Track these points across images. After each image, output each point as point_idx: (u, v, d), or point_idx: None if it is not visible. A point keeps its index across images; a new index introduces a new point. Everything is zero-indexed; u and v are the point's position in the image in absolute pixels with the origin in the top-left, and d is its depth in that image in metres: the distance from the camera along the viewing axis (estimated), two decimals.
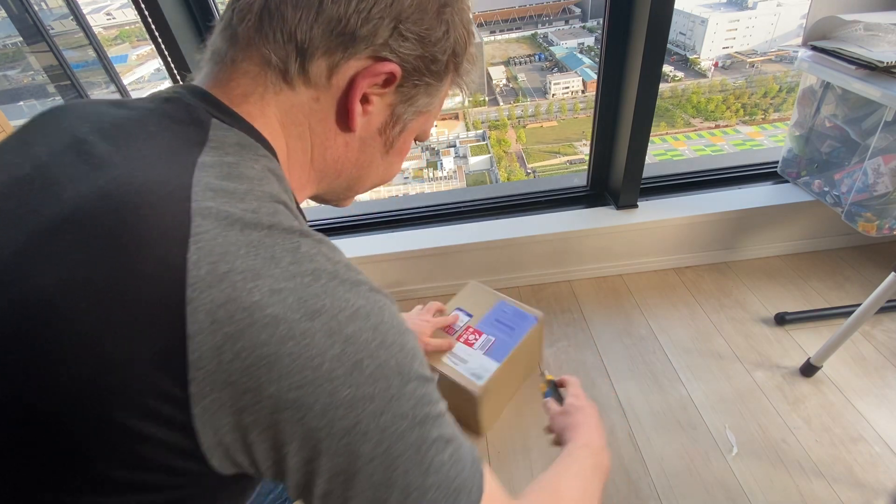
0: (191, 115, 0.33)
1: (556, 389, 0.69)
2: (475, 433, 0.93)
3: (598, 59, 1.14)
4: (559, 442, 0.58)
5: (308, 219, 1.44)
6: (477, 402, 0.85)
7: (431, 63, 0.37)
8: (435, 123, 0.45)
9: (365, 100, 0.36)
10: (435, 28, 0.35)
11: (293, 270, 0.28)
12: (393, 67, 0.35)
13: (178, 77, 1.00)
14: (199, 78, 0.36)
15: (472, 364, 0.87)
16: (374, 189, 0.47)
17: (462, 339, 0.92)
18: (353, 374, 0.27)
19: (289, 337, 0.26)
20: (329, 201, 0.46)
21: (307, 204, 0.50)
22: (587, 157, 1.30)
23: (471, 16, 0.39)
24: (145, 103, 0.35)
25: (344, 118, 0.36)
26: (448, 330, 0.94)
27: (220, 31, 0.35)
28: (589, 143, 1.26)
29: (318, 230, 1.37)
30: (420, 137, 0.44)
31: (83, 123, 0.33)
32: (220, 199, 0.28)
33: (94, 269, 0.25)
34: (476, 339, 0.92)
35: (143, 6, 0.91)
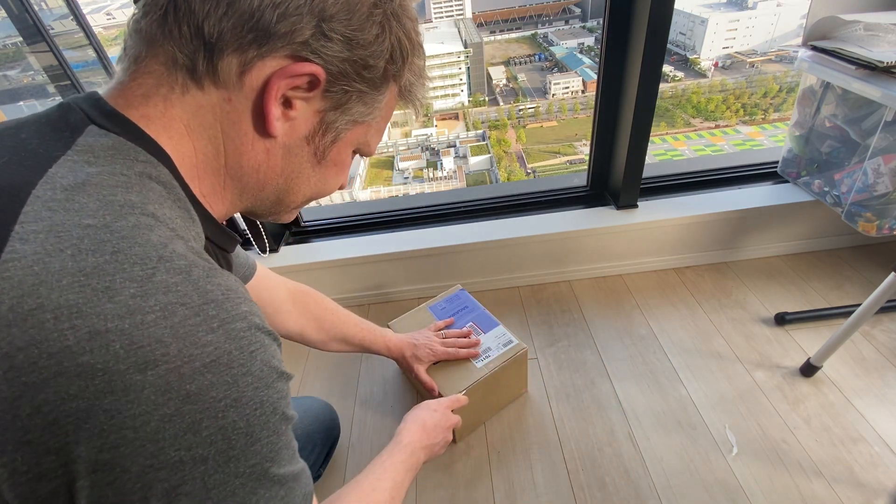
0: (68, 120, 0.30)
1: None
2: (451, 441, 0.93)
3: (598, 59, 1.14)
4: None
5: (307, 220, 1.44)
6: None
7: (363, 69, 0.34)
8: (385, 136, 0.43)
9: (287, 104, 0.33)
10: (365, 29, 0.32)
11: (133, 306, 0.23)
12: (314, 69, 0.31)
13: None
14: (111, 81, 0.33)
15: (453, 373, 0.88)
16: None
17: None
18: (186, 436, 0.24)
19: (107, 391, 0.22)
20: (262, 216, 0.42)
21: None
22: (587, 157, 1.30)
23: (418, 27, 0.36)
24: (49, 109, 0.32)
25: (260, 121, 0.33)
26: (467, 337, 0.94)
27: (130, 26, 0.32)
28: (589, 143, 1.26)
29: (319, 230, 1.35)
30: (362, 151, 0.40)
31: None
32: (58, 216, 0.24)
33: None
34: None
35: None
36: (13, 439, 0.21)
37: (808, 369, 0.96)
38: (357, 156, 0.42)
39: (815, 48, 1.03)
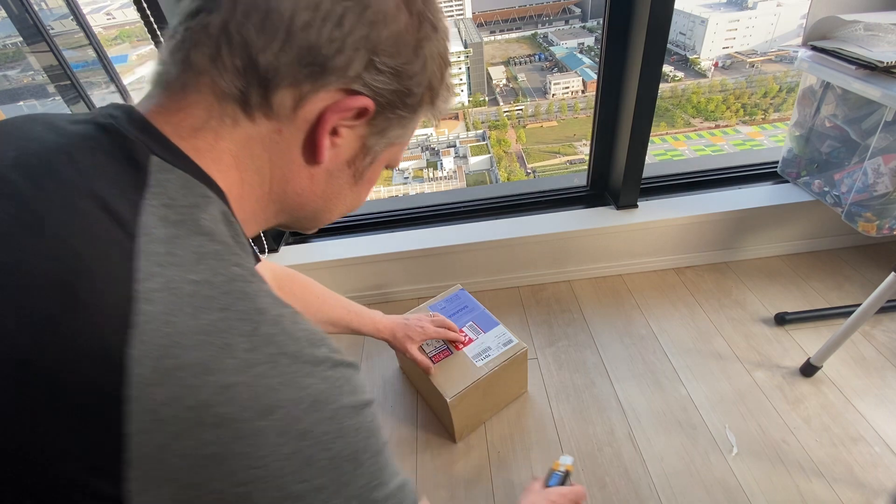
0: (127, 151, 0.29)
1: (565, 480, 0.71)
2: (451, 439, 0.94)
3: (598, 59, 1.14)
4: None
5: None
6: (450, 411, 0.85)
7: (406, 97, 0.34)
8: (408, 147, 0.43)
9: (333, 132, 0.33)
10: (412, 62, 0.33)
11: (248, 360, 0.26)
12: (366, 102, 0.32)
13: None
14: (144, 102, 0.32)
15: (453, 372, 0.88)
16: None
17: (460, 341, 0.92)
18: (305, 470, 0.27)
19: (239, 437, 0.25)
20: (293, 228, 0.43)
21: None
22: (587, 157, 1.30)
23: (447, 44, 0.36)
24: (80, 127, 0.31)
25: (310, 151, 0.34)
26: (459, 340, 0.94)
27: (171, 49, 0.31)
28: (589, 143, 1.26)
29: (320, 230, 1.35)
30: (390, 165, 0.41)
31: (9, 149, 0.29)
32: (168, 272, 0.26)
33: (36, 359, 0.23)
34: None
35: (143, 6, 0.91)
36: (159, 477, 0.24)
37: (808, 369, 0.96)
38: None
39: (815, 48, 1.03)
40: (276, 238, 1.28)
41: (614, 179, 1.24)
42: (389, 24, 0.31)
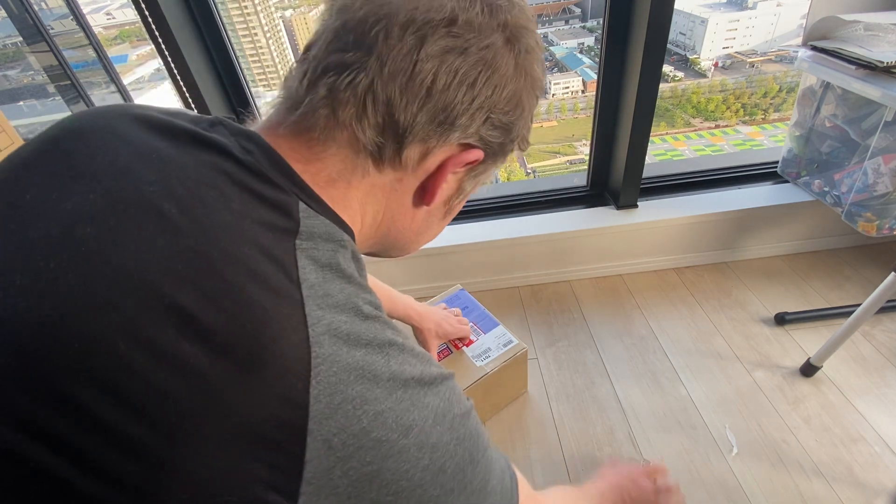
0: (276, 195, 0.30)
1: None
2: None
3: (598, 59, 1.14)
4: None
5: None
6: None
7: (506, 146, 0.38)
8: None
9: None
10: (518, 119, 0.36)
11: (390, 388, 0.29)
12: (479, 154, 0.35)
13: (178, 78, 1.00)
14: (273, 137, 0.33)
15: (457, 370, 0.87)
16: None
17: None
18: (439, 477, 0.31)
19: (389, 455, 0.28)
20: (373, 255, 0.45)
21: None
22: (587, 157, 1.30)
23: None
24: (209, 147, 0.31)
25: (421, 196, 0.37)
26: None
27: (313, 100, 0.32)
28: (589, 143, 1.26)
29: None
30: (467, 198, 0.44)
31: (146, 172, 0.29)
32: (328, 316, 0.29)
33: (222, 399, 0.25)
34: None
35: (143, 6, 0.91)
36: (325, 492, 0.27)
37: (808, 369, 0.96)
38: None
39: (815, 48, 1.03)
40: None
41: (614, 179, 1.24)
42: (507, 84, 0.34)
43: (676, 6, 0.96)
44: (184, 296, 0.25)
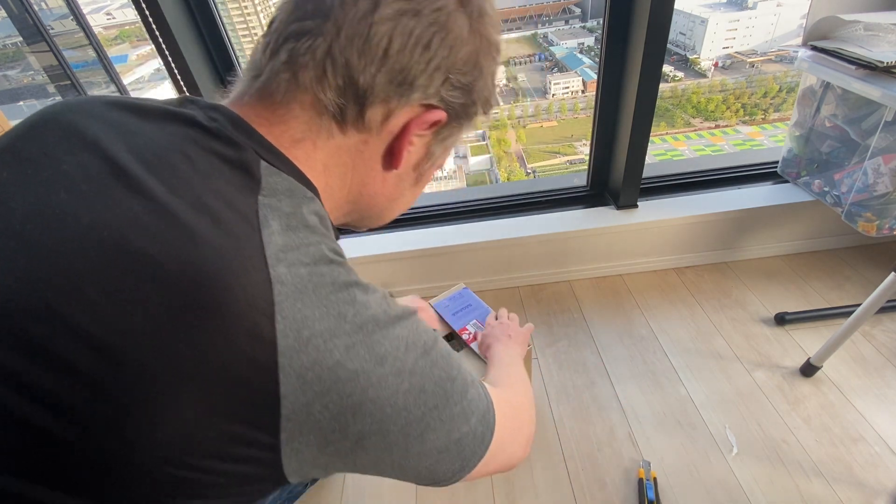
0: (239, 155, 0.32)
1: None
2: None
3: (598, 59, 1.14)
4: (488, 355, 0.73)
5: None
6: None
7: (469, 107, 0.39)
8: None
9: (409, 142, 0.38)
10: (478, 80, 0.38)
11: (357, 322, 0.31)
12: (441, 115, 0.37)
13: (178, 78, 1.00)
14: (242, 108, 0.35)
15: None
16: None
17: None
18: (420, 397, 0.33)
19: (368, 385, 0.30)
20: (352, 227, 0.47)
21: None
22: (587, 157, 1.30)
23: (500, 63, 0.41)
24: (177, 123, 0.33)
25: (389, 159, 0.38)
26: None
27: (274, 67, 0.34)
28: (589, 143, 1.26)
29: None
30: (440, 166, 0.46)
31: (114, 140, 0.31)
32: (290, 259, 0.30)
33: (189, 343, 0.26)
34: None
35: (143, 6, 0.91)
36: (308, 427, 0.29)
37: (808, 369, 0.96)
38: None
39: (815, 48, 1.03)
40: None
41: (614, 179, 1.24)
42: (464, 45, 0.35)
43: (676, 6, 0.96)
44: (148, 246, 0.27)
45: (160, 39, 0.95)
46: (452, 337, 0.96)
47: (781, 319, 1.08)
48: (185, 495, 0.28)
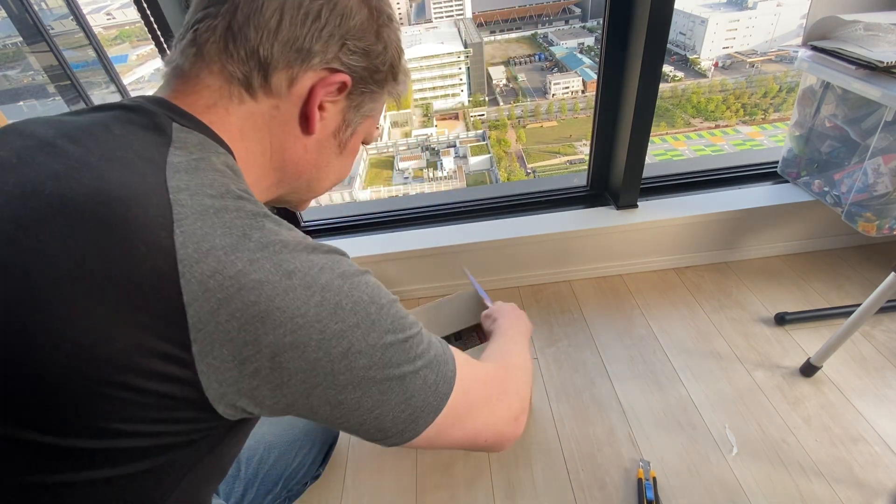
0: (153, 120, 0.36)
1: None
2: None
3: (598, 59, 1.14)
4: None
5: (307, 220, 1.44)
6: None
7: (374, 73, 0.43)
8: (378, 128, 0.52)
9: (321, 107, 0.41)
10: (376, 44, 0.42)
11: (263, 242, 0.32)
12: (344, 77, 0.40)
13: None
14: (161, 91, 0.39)
15: None
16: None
17: None
18: (336, 313, 0.33)
19: (274, 295, 0.31)
20: (290, 203, 0.50)
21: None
22: (587, 157, 1.30)
23: (399, 35, 0.45)
24: (104, 111, 0.37)
25: (304, 123, 0.41)
26: None
27: (182, 48, 0.39)
28: (589, 143, 1.26)
29: (319, 230, 1.36)
30: (366, 140, 0.49)
31: (46, 129, 0.35)
32: (193, 189, 0.32)
33: (93, 256, 0.28)
34: None
35: (143, 6, 0.91)
36: (219, 339, 0.30)
37: (808, 369, 0.96)
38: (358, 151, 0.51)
39: (815, 48, 1.03)
40: None
41: (614, 179, 1.24)
42: (354, 15, 0.39)
43: (676, 6, 0.96)
44: (60, 187, 0.30)
45: (161, 39, 0.95)
46: (460, 337, 0.97)
47: (781, 319, 1.08)
48: (115, 417, 0.29)
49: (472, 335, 1.01)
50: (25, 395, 0.27)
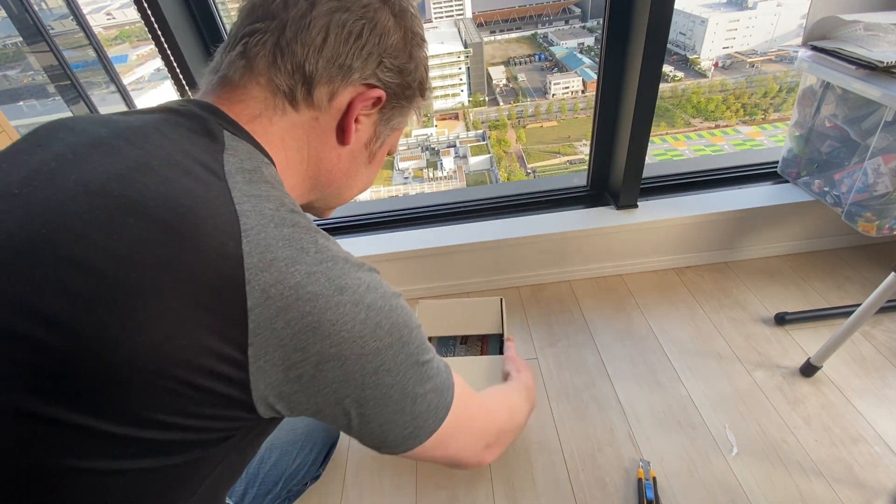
0: (204, 125, 0.38)
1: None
2: None
3: (598, 59, 1.14)
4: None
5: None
6: None
7: (406, 89, 0.46)
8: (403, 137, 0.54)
9: (356, 120, 0.44)
10: (409, 62, 0.45)
11: (318, 258, 0.35)
12: (380, 93, 0.43)
13: (180, 77, 1.00)
14: (206, 97, 0.42)
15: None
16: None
17: None
18: (376, 332, 0.36)
19: (327, 308, 0.33)
20: (318, 209, 0.53)
21: None
22: (587, 157, 1.30)
23: (428, 53, 0.49)
24: (155, 112, 0.39)
25: (341, 135, 0.44)
26: None
27: (232, 59, 0.41)
28: (589, 143, 1.26)
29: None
30: (391, 150, 0.52)
31: (98, 128, 0.37)
32: (253, 200, 0.35)
33: (165, 260, 0.30)
34: None
35: (143, 5, 0.91)
36: (272, 344, 0.32)
37: (808, 369, 0.96)
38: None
39: (815, 48, 1.03)
40: None
41: (614, 179, 1.24)
42: (392, 35, 0.43)
43: (676, 6, 0.96)
44: (129, 191, 0.32)
45: (161, 39, 0.95)
46: (465, 342, 0.98)
47: (781, 319, 1.08)
48: (170, 410, 0.31)
49: (477, 343, 1.03)
50: (90, 383, 0.29)
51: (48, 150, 0.35)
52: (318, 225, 1.33)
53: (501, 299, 1.04)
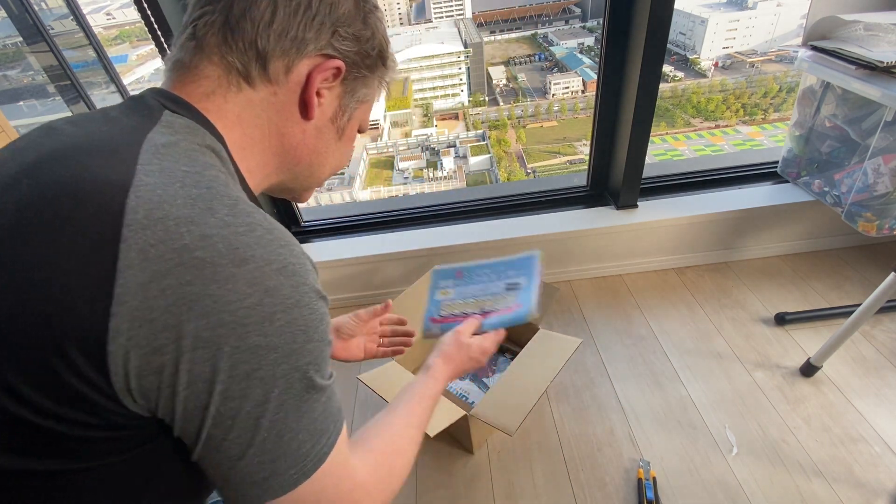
0: (147, 106, 0.38)
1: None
2: (451, 440, 0.94)
3: (598, 59, 1.14)
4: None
5: (307, 220, 1.43)
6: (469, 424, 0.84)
7: (365, 58, 0.44)
8: (368, 123, 0.53)
9: (318, 93, 0.42)
10: (364, 30, 0.43)
11: (227, 221, 0.31)
12: (338, 63, 0.42)
13: None
14: (164, 84, 0.42)
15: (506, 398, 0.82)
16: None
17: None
18: (265, 325, 0.30)
19: (213, 279, 0.29)
20: (293, 191, 0.51)
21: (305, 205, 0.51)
22: (587, 157, 1.30)
23: (385, 23, 0.47)
24: (114, 105, 0.40)
25: (304, 109, 0.43)
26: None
27: (182, 43, 0.41)
28: (589, 143, 1.26)
29: (319, 230, 1.35)
30: (362, 126, 0.50)
31: (60, 122, 0.38)
32: (164, 162, 0.32)
33: (44, 211, 0.29)
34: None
35: (144, 6, 0.91)
36: (139, 318, 0.28)
37: (808, 369, 0.96)
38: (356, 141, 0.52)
39: (815, 48, 1.03)
40: None
41: (614, 179, 1.24)
42: (342, 3, 0.41)
43: (676, 6, 0.96)
44: (45, 165, 0.32)
45: (161, 39, 0.95)
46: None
47: (781, 319, 1.08)
48: (32, 384, 0.28)
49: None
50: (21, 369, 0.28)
51: (13, 147, 0.37)
52: (318, 225, 1.34)
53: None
